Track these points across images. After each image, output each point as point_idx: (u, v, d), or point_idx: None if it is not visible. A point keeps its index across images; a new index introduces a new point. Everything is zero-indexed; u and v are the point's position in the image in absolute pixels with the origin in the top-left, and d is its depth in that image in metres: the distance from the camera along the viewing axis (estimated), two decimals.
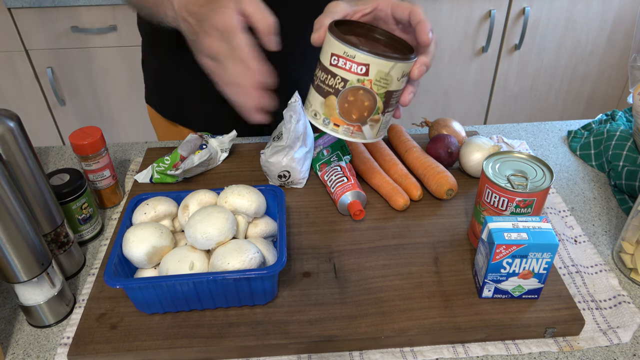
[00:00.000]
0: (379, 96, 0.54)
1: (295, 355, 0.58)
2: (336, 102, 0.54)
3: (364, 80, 0.53)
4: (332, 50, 0.53)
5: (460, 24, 1.82)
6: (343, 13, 0.58)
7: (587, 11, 1.85)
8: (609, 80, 2.04)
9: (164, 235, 0.61)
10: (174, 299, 0.58)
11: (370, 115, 0.55)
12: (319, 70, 0.56)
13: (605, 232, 0.74)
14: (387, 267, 0.66)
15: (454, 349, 0.58)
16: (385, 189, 0.76)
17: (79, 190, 0.69)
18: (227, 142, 0.85)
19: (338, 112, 0.55)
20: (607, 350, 0.58)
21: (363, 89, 0.53)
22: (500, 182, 0.61)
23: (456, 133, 0.84)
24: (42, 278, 0.58)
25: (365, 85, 0.53)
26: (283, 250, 0.58)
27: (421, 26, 0.55)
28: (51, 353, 0.59)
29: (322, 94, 0.55)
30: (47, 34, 1.70)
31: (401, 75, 0.54)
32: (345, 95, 0.54)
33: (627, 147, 0.81)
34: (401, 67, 0.53)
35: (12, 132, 0.56)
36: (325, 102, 0.55)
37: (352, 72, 0.52)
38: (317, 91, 0.56)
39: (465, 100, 2.03)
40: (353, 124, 0.56)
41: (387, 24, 0.60)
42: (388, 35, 0.59)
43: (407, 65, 0.54)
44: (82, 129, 0.74)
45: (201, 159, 0.79)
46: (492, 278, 0.59)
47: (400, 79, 0.54)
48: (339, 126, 0.56)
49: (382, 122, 0.58)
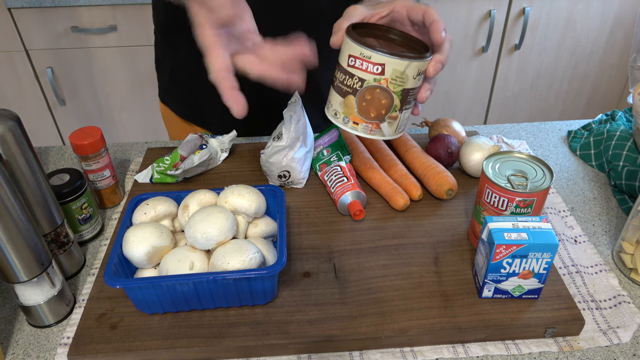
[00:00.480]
0: (396, 94, 0.56)
1: (295, 355, 0.58)
2: (354, 101, 0.57)
3: (381, 80, 0.55)
4: (349, 51, 0.56)
5: (460, 24, 1.82)
6: (361, 16, 0.61)
7: (587, 11, 1.85)
8: (609, 80, 2.04)
9: (164, 235, 0.61)
10: (174, 299, 0.58)
11: (388, 113, 0.57)
12: (338, 71, 0.59)
13: (605, 232, 0.74)
14: (387, 267, 0.66)
15: (454, 349, 0.58)
16: (385, 189, 0.76)
17: (79, 190, 0.69)
18: (227, 142, 0.85)
19: (357, 111, 0.57)
20: (607, 350, 0.58)
21: (380, 88, 0.55)
22: (500, 182, 0.61)
23: (456, 133, 0.84)
24: (42, 278, 0.58)
25: (381, 84, 0.55)
26: (283, 250, 0.58)
27: (435, 26, 0.57)
28: (51, 353, 0.59)
29: (341, 94, 0.58)
30: (47, 34, 1.70)
31: (417, 73, 0.56)
32: (362, 94, 0.56)
33: (627, 147, 0.81)
34: (416, 66, 0.55)
35: (12, 132, 0.56)
36: (345, 101, 0.58)
37: (368, 72, 0.55)
38: (336, 91, 0.59)
39: (465, 100, 2.03)
40: (372, 122, 0.58)
41: (404, 26, 0.62)
42: (404, 35, 0.61)
43: (423, 64, 0.56)
44: (82, 129, 0.74)
45: (201, 159, 0.79)
46: (492, 278, 0.59)
47: (416, 77, 0.56)
48: (357, 124, 0.58)
49: (401, 120, 0.60)
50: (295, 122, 0.74)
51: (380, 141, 0.84)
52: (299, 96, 0.76)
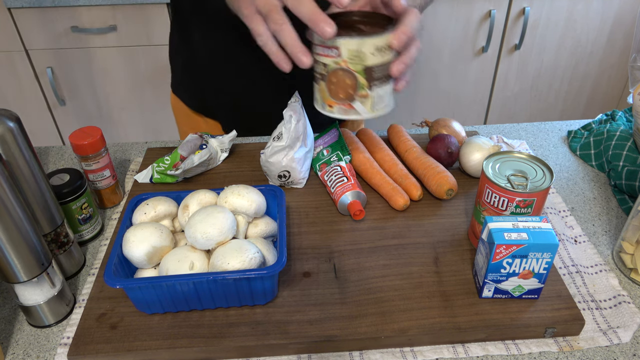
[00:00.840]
0: (359, 73, 0.58)
1: (295, 355, 0.58)
2: (324, 86, 0.60)
3: (340, 61, 0.57)
4: (313, 41, 0.59)
5: (460, 24, 1.82)
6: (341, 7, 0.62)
7: (587, 11, 1.85)
8: (609, 80, 2.04)
9: (164, 235, 0.61)
10: (174, 299, 0.58)
11: (357, 92, 0.59)
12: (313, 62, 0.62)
13: (605, 232, 0.74)
14: (387, 267, 0.66)
15: (454, 349, 0.58)
16: (385, 189, 0.76)
17: (79, 190, 0.69)
18: (227, 142, 0.85)
19: (328, 95, 0.60)
20: (607, 350, 0.58)
21: (342, 69, 0.58)
22: (500, 182, 0.61)
23: (456, 133, 0.84)
24: (42, 278, 0.58)
25: (342, 65, 0.57)
26: (283, 250, 0.58)
27: None
28: (51, 353, 0.59)
29: (317, 82, 0.61)
30: (47, 34, 1.70)
31: (374, 49, 0.57)
32: (329, 78, 0.59)
33: (627, 147, 0.81)
34: (371, 42, 0.56)
35: (12, 132, 0.56)
36: (319, 88, 0.61)
37: (329, 56, 0.57)
38: (314, 82, 0.62)
39: (465, 100, 2.03)
40: (343, 103, 0.61)
41: (380, 8, 0.64)
42: (365, 14, 0.64)
43: (379, 39, 0.57)
44: (82, 129, 0.74)
45: (201, 159, 0.79)
46: (492, 278, 0.59)
47: (376, 53, 0.57)
48: (332, 107, 0.61)
49: (374, 97, 0.61)
50: (295, 122, 0.74)
51: (380, 141, 0.84)
52: (299, 96, 0.76)
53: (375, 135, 0.86)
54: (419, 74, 1.93)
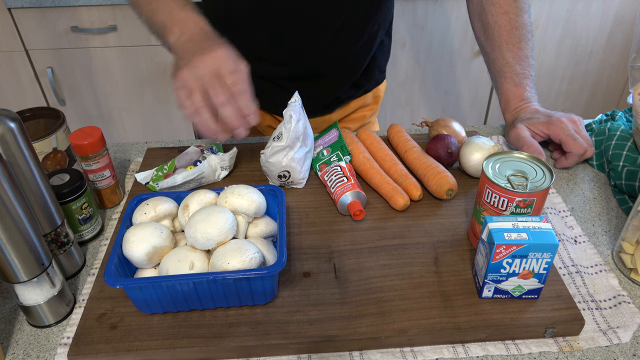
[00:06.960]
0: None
1: (295, 355, 0.58)
2: None
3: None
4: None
5: (460, 24, 1.82)
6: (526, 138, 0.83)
7: (587, 11, 1.85)
8: (609, 80, 2.04)
9: (164, 235, 0.61)
10: (174, 299, 0.58)
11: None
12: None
13: (605, 232, 0.74)
14: (387, 267, 0.66)
15: (454, 349, 0.58)
16: (385, 189, 0.76)
17: (79, 190, 0.69)
18: (228, 159, 0.81)
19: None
20: (607, 350, 0.58)
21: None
22: (500, 182, 0.61)
23: (456, 133, 0.84)
24: (42, 278, 0.58)
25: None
26: (283, 250, 0.58)
27: (562, 140, 0.81)
28: (51, 353, 0.59)
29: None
30: (47, 34, 1.70)
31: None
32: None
33: (627, 147, 0.81)
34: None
35: (12, 132, 0.56)
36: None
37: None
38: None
39: (465, 100, 2.03)
40: None
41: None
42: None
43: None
44: (82, 129, 0.74)
45: (185, 179, 0.77)
46: (492, 278, 0.59)
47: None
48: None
49: None
50: (295, 122, 0.74)
51: (380, 141, 0.84)
52: (299, 96, 0.75)
53: (375, 135, 0.86)
54: (419, 74, 1.93)
